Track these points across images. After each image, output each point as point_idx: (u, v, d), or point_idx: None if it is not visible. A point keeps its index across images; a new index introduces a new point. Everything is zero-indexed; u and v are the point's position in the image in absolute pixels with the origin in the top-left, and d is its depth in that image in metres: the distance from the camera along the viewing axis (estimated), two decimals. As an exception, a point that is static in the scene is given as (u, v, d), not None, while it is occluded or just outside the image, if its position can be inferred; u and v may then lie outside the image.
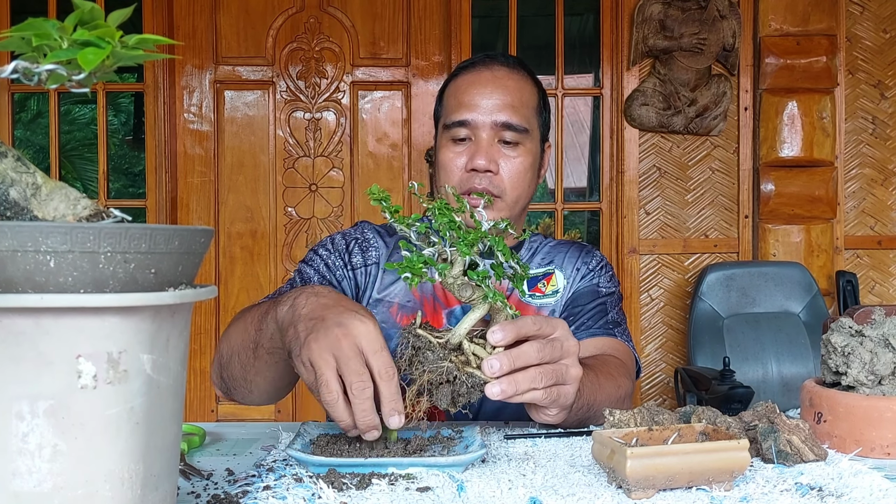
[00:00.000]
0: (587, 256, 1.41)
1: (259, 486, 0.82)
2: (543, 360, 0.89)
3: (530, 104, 1.34)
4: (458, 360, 0.87)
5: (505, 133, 1.30)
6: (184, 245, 0.59)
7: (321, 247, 1.37)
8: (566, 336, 0.93)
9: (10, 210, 0.58)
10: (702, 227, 3.14)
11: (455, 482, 0.82)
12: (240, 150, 3.14)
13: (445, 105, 1.37)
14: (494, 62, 1.34)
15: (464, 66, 1.37)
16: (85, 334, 0.54)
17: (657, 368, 3.15)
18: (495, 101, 1.30)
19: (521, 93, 1.32)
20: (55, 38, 0.56)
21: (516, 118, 1.30)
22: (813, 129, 3.02)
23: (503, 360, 0.86)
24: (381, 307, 1.33)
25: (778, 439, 0.89)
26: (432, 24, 3.13)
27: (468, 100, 1.31)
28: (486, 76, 1.32)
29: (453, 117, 1.31)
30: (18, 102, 3.61)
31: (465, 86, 1.33)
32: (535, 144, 1.35)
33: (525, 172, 1.32)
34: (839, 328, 1.00)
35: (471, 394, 0.87)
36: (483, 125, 1.30)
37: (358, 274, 1.35)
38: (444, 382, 0.86)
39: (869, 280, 3.16)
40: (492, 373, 0.86)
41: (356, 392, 0.84)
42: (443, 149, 1.33)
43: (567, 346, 0.93)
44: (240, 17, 3.11)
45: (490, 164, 1.28)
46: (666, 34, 3.00)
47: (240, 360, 1.07)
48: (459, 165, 1.30)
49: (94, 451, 0.55)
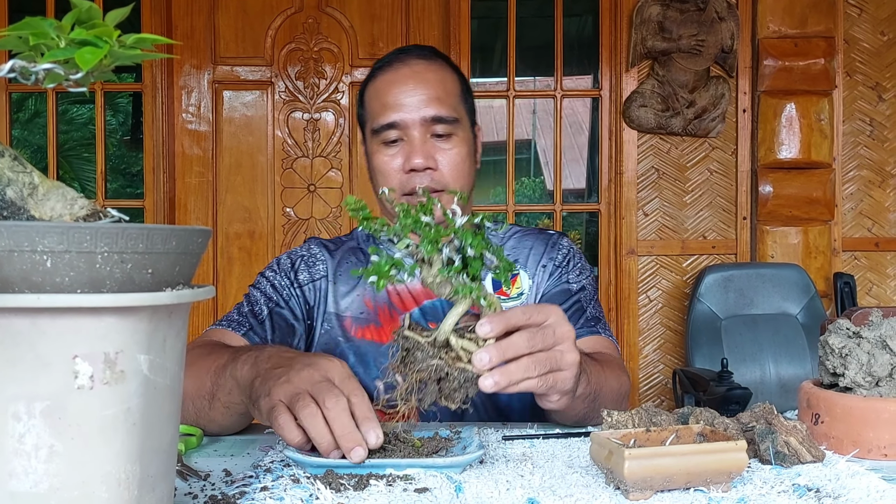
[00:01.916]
0: (552, 251, 1.38)
1: (257, 487, 0.82)
2: (535, 348, 0.88)
3: (454, 92, 1.32)
4: (448, 357, 0.86)
5: (436, 127, 1.28)
6: (181, 245, 0.59)
7: (268, 269, 1.38)
8: (559, 322, 0.91)
9: (7, 210, 0.58)
10: (700, 228, 3.14)
11: (453, 483, 0.82)
12: (238, 150, 3.14)
13: (369, 109, 1.33)
14: (410, 57, 1.32)
15: (379, 66, 1.34)
16: (82, 334, 0.54)
17: (655, 369, 3.15)
18: (420, 97, 1.27)
19: (443, 83, 1.30)
20: (53, 37, 0.56)
21: (444, 110, 1.28)
22: (811, 130, 3.02)
23: (493, 351, 0.84)
24: (335, 321, 1.33)
25: (775, 440, 0.89)
26: (431, 25, 3.13)
27: (392, 100, 1.28)
28: (405, 73, 1.29)
29: (380, 120, 1.28)
30: (16, 102, 3.62)
31: (385, 86, 1.30)
32: (467, 131, 1.33)
33: (463, 162, 1.30)
34: (837, 330, 1.00)
35: (465, 389, 0.86)
36: (413, 123, 1.27)
37: (306, 290, 1.35)
38: (436, 380, 0.85)
39: (866, 282, 3.16)
40: (482, 366, 0.84)
41: (330, 406, 0.84)
42: (376, 154, 1.31)
43: (560, 333, 0.91)
44: (238, 17, 3.11)
45: (428, 160, 1.26)
46: (664, 36, 3.01)
47: (194, 406, 1.06)
48: (396, 167, 1.28)
49: (90, 452, 0.55)
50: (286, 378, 0.89)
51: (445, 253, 0.86)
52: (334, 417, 0.84)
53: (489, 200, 5.88)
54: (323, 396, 0.85)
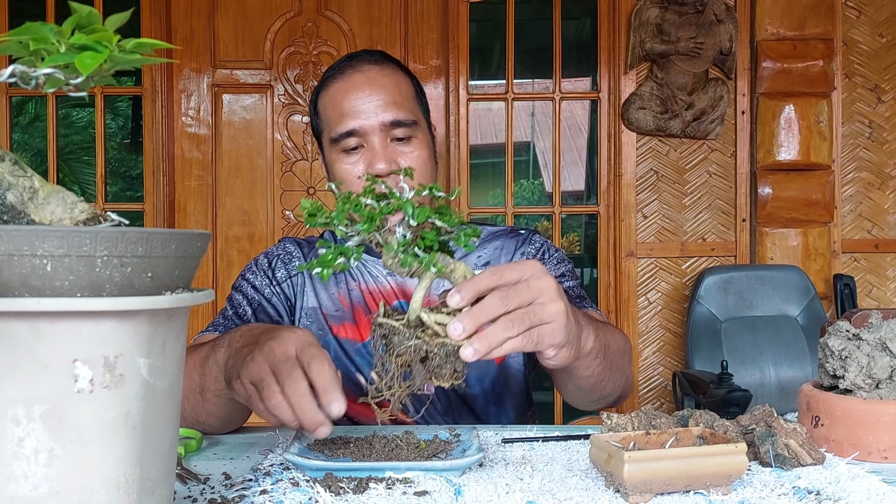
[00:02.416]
0: (525, 246, 1.38)
1: (256, 490, 0.82)
2: (510, 307, 0.83)
3: (409, 95, 1.32)
4: (424, 335, 0.83)
5: (395, 131, 1.27)
6: (181, 249, 0.59)
7: (247, 270, 1.39)
8: (536, 275, 0.86)
9: (7, 214, 0.58)
10: (699, 230, 3.14)
11: (452, 486, 0.82)
12: (237, 153, 3.14)
13: (325, 118, 1.32)
14: (362, 62, 1.31)
15: (331, 74, 1.33)
16: (81, 338, 0.54)
17: (655, 372, 3.15)
18: (376, 102, 1.27)
19: (398, 87, 1.30)
20: (53, 42, 0.56)
21: (402, 113, 1.28)
22: (810, 132, 3.03)
23: (465, 318, 0.81)
24: (314, 315, 1.35)
25: (775, 443, 0.89)
26: (430, 29, 3.14)
27: (349, 107, 1.27)
28: (358, 79, 1.29)
29: (339, 129, 1.27)
30: (16, 105, 3.61)
31: (340, 95, 1.29)
32: (426, 133, 1.33)
33: (425, 164, 1.30)
34: (836, 332, 1.00)
35: (451, 363, 0.83)
36: (372, 129, 1.26)
37: (285, 287, 1.36)
38: (419, 361, 0.83)
39: (866, 283, 3.16)
40: (457, 335, 0.80)
41: (290, 391, 0.86)
42: (336, 163, 1.30)
43: (537, 285, 0.86)
44: (238, 20, 3.11)
45: (390, 164, 1.26)
46: (663, 38, 3.01)
47: (190, 404, 1.07)
48: (358, 174, 1.27)
49: (90, 456, 0.55)
50: (251, 356, 0.92)
51: (399, 231, 0.82)
52: (295, 402, 0.86)
53: (488, 202, 5.88)
54: (282, 381, 0.87)
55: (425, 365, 0.83)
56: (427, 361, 0.83)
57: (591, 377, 1.06)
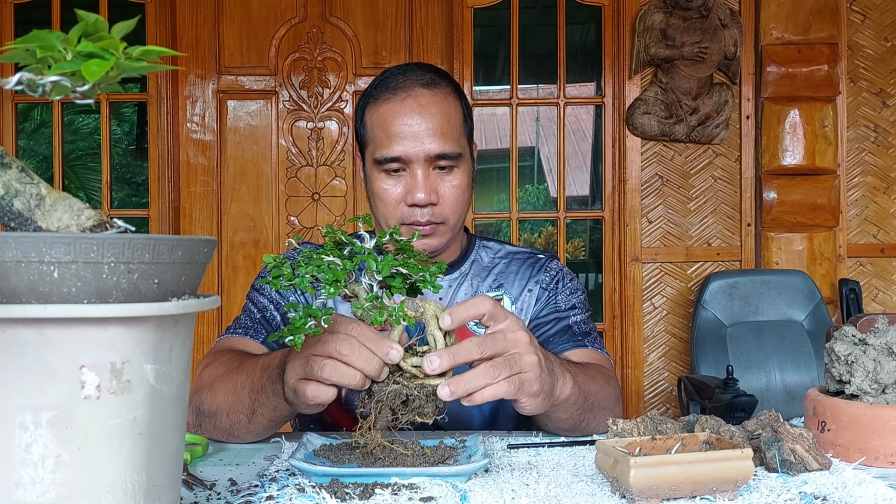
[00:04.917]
0: (540, 274, 1.38)
1: (262, 496, 0.82)
2: (485, 353, 0.89)
3: (457, 123, 1.30)
4: (403, 379, 0.87)
5: (439, 161, 1.27)
6: (187, 255, 0.59)
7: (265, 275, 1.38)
8: (513, 328, 0.92)
9: (15, 221, 0.58)
10: (704, 235, 3.14)
11: (458, 492, 0.82)
12: (242, 159, 3.14)
13: (371, 134, 1.30)
14: (416, 86, 1.27)
15: (383, 90, 1.29)
16: (88, 344, 0.54)
17: (660, 377, 3.14)
18: (425, 131, 1.25)
19: (448, 116, 1.28)
20: (59, 49, 0.57)
21: (449, 146, 1.26)
22: (815, 137, 3.02)
23: (443, 354, 0.86)
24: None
25: (782, 448, 0.89)
26: (434, 34, 3.14)
27: (396, 132, 1.25)
28: (410, 105, 1.26)
29: (384, 153, 1.26)
30: (22, 112, 3.63)
31: (390, 117, 1.26)
32: (468, 160, 1.32)
33: (464, 192, 1.30)
34: (842, 337, 1.00)
35: (433, 402, 0.87)
36: (416, 159, 1.25)
37: None
38: (401, 403, 0.87)
39: (872, 288, 3.15)
40: (431, 369, 0.86)
41: (345, 351, 0.85)
42: (377, 181, 1.29)
43: (513, 337, 0.92)
44: (242, 27, 3.12)
45: (430, 195, 1.25)
46: (667, 43, 3.01)
47: (229, 419, 1.08)
48: (396, 197, 1.27)
49: (96, 462, 0.55)
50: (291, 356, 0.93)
51: (365, 282, 0.87)
52: (352, 357, 0.85)
53: (493, 208, 5.88)
54: (329, 348, 0.87)
55: (407, 406, 0.87)
56: (409, 403, 0.87)
57: (569, 419, 1.09)
